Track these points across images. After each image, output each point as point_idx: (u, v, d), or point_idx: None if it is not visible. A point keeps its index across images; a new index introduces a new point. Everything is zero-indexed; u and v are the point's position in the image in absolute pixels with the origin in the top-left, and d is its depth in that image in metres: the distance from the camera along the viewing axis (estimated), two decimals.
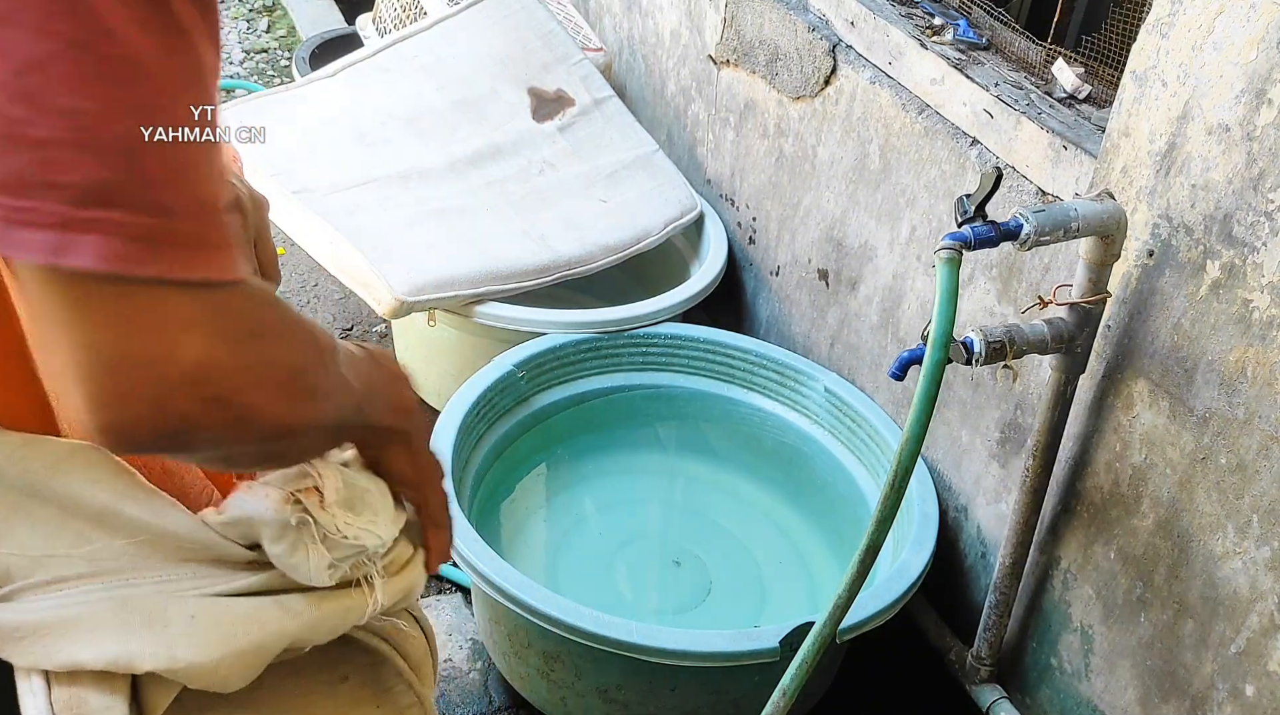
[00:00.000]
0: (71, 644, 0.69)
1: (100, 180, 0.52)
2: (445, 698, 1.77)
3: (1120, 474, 1.38)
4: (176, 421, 0.57)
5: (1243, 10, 1.12)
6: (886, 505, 1.23)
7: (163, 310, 0.55)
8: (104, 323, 0.54)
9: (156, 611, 0.71)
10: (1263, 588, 1.21)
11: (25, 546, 0.70)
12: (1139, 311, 1.31)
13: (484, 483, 1.86)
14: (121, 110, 0.53)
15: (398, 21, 2.64)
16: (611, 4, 2.75)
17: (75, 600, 0.70)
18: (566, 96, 2.38)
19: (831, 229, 1.97)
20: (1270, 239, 1.14)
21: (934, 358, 1.18)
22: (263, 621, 0.73)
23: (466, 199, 2.15)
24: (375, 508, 0.78)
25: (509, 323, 1.96)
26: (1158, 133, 1.25)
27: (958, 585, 1.76)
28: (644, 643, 1.41)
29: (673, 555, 1.91)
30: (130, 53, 0.53)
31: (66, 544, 0.71)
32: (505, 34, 2.39)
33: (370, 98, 2.26)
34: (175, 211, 0.55)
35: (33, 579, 0.71)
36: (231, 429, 0.60)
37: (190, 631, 0.70)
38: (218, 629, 0.71)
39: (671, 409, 2.06)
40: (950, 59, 1.64)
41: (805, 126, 1.99)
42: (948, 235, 1.20)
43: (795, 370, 1.98)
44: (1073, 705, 1.54)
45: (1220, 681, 1.28)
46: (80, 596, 0.71)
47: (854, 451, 1.91)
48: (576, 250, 2.12)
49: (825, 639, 1.31)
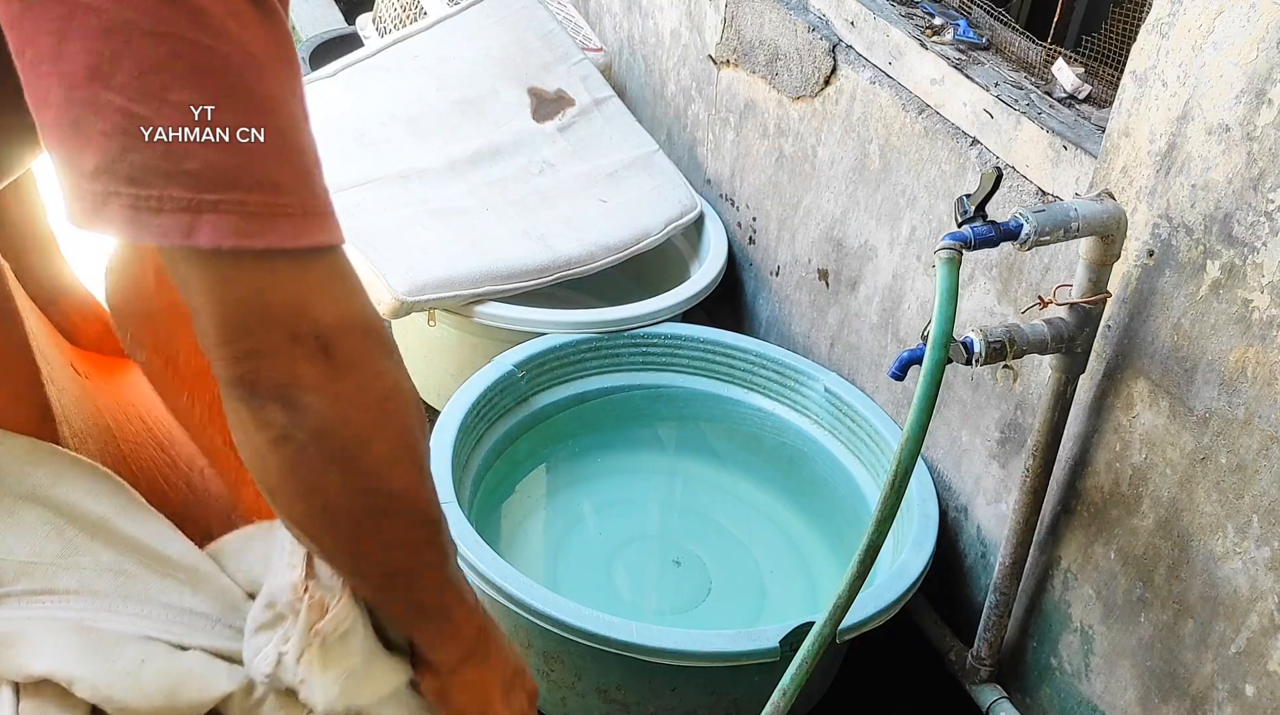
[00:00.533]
0: (24, 654, 0.69)
1: (219, 165, 0.59)
2: None
3: (1120, 474, 1.38)
4: (289, 373, 0.65)
5: (1243, 10, 1.12)
6: (886, 505, 1.23)
7: (278, 275, 0.63)
8: (233, 287, 0.62)
9: (112, 646, 0.71)
10: (1263, 588, 1.21)
11: (13, 551, 0.71)
12: (1139, 311, 1.31)
13: (484, 483, 1.86)
14: (234, 100, 0.59)
15: (398, 21, 2.64)
16: (611, 4, 2.75)
17: (45, 614, 0.71)
18: (566, 96, 2.38)
19: (831, 229, 1.97)
20: (1270, 239, 1.14)
21: (934, 358, 1.18)
22: (208, 684, 0.74)
23: (466, 199, 2.15)
24: (356, 674, 0.76)
25: (509, 323, 1.96)
26: (1158, 133, 1.25)
27: (958, 585, 1.76)
28: (644, 643, 1.41)
29: (673, 555, 1.91)
30: (237, 45, 0.59)
31: (55, 552, 0.72)
32: (505, 34, 2.39)
33: (370, 98, 2.26)
34: (281, 186, 0.62)
35: (17, 586, 0.71)
36: (332, 380, 0.66)
37: (134, 675, 0.71)
38: (161, 679, 0.72)
39: (671, 409, 2.06)
40: (950, 59, 1.64)
41: (805, 126, 1.99)
42: (948, 235, 1.20)
43: (795, 370, 1.98)
44: (1073, 705, 1.54)
45: (1220, 681, 1.28)
46: (53, 610, 0.71)
47: (854, 451, 1.91)
48: (576, 250, 2.12)
49: (825, 639, 1.31)
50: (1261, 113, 1.12)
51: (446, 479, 1.62)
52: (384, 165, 2.15)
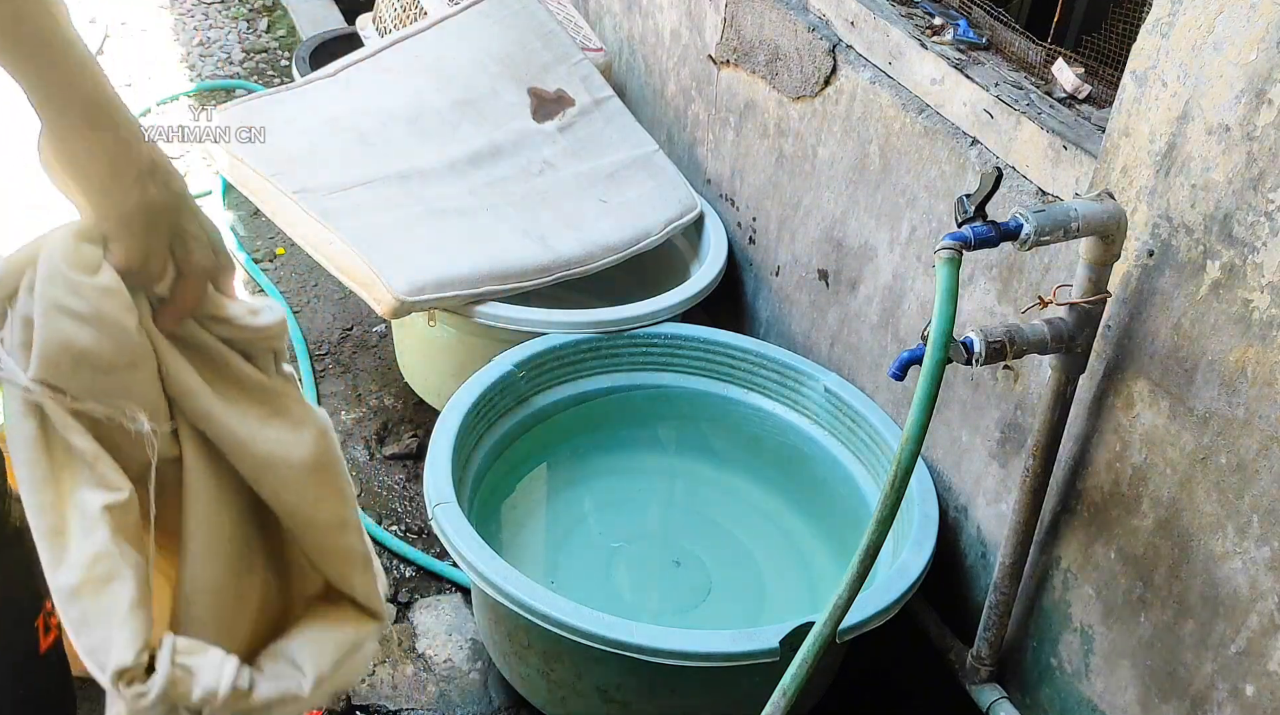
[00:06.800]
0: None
1: None
2: (445, 697, 1.78)
3: (1120, 474, 1.39)
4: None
5: (1243, 10, 1.12)
6: (886, 505, 1.23)
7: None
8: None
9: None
10: (1263, 588, 1.21)
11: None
12: (1139, 311, 1.31)
13: (484, 483, 1.86)
14: None
15: (398, 21, 2.64)
16: (611, 4, 2.75)
17: None
18: (566, 96, 2.38)
19: (831, 229, 1.97)
20: (1270, 239, 1.14)
21: (934, 358, 1.18)
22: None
23: (466, 199, 2.15)
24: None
25: (509, 323, 1.96)
26: (1158, 133, 1.25)
27: (958, 585, 1.76)
28: (644, 643, 1.41)
29: (673, 555, 1.92)
30: None
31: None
32: (505, 34, 2.39)
33: (370, 98, 2.26)
34: None
35: None
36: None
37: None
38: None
39: (671, 409, 2.06)
40: (950, 59, 1.64)
41: (805, 126, 1.99)
42: (948, 235, 1.20)
43: (795, 370, 1.98)
44: (1073, 705, 1.54)
45: (1220, 681, 1.28)
46: None
47: (854, 451, 1.91)
48: (576, 250, 2.12)
49: (825, 639, 1.31)
50: (1261, 113, 1.12)
51: (446, 479, 1.62)
52: (384, 165, 2.15)
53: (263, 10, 3.98)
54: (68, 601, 0.84)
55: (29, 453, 0.85)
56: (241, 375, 0.93)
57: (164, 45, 3.69)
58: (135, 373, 0.87)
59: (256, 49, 3.73)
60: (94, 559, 0.85)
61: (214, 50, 3.70)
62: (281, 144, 2.13)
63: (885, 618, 1.51)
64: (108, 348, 0.84)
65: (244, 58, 3.67)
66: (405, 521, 2.09)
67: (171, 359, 0.90)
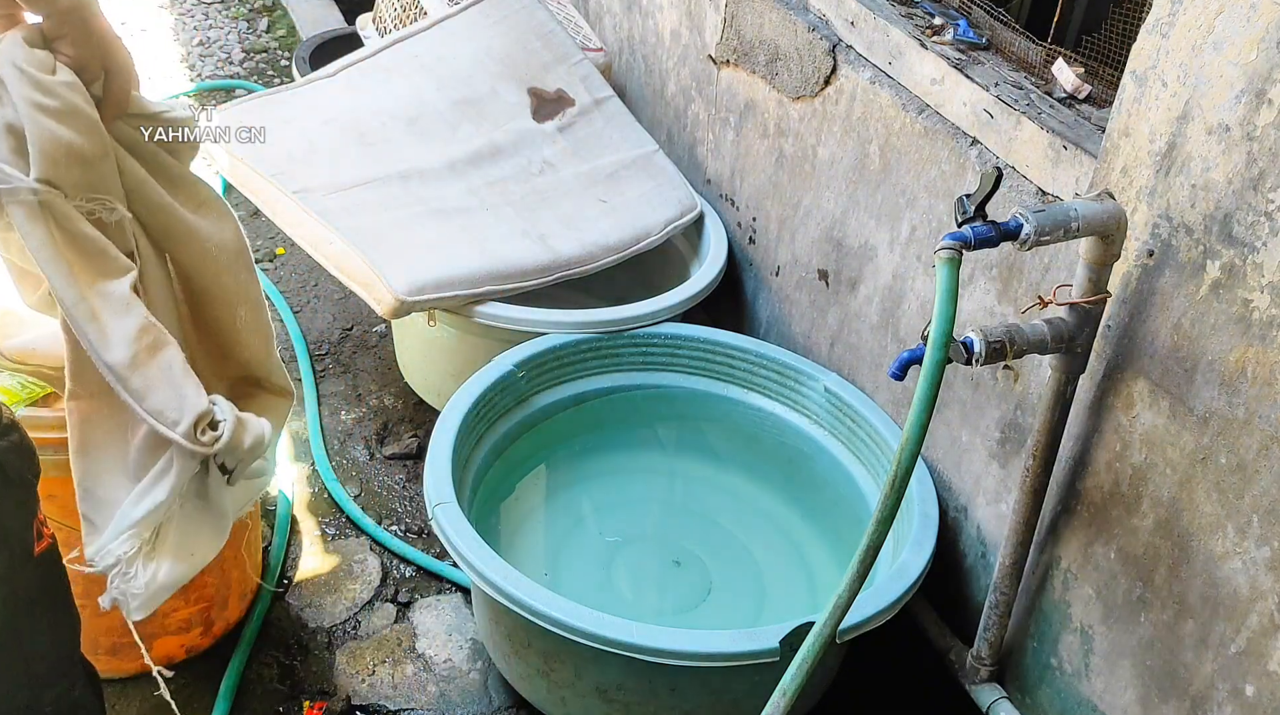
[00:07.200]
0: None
1: None
2: (445, 697, 1.78)
3: (1120, 474, 1.39)
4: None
5: (1243, 10, 1.12)
6: (886, 505, 1.23)
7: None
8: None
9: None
10: (1263, 588, 1.21)
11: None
12: (1139, 311, 1.31)
13: (484, 483, 1.86)
14: None
15: (398, 21, 2.64)
16: (611, 4, 2.75)
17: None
18: (566, 96, 2.38)
19: (831, 229, 1.97)
20: (1270, 239, 1.14)
21: (934, 358, 1.18)
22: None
23: (466, 199, 2.15)
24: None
25: (509, 323, 1.96)
26: (1158, 133, 1.25)
27: (958, 585, 1.76)
28: (644, 643, 1.41)
29: (673, 555, 1.92)
30: None
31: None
32: (505, 34, 2.39)
33: (370, 98, 2.26)
34: None
35: None
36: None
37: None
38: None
39: (671, 409, 2.06)
40: (950, 59, 1.64)
41: (805, 126, 1.99)
42: (948, 235, 1.20)
43: (795, 370, 1.98)
44: (1073, 705, 1.54)
45: (1220, 681, 1.28)
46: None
47: (854, 451, 1.91)
48: (576, 250, 2.12)
49: (825, 639, 1.31)
50: (1261, 113, 1.12)
51: (446, 479, 1.62)
52: (384, 165, 2.15)
53: (263, 10, 3.98)
54: (126, 374, 0.96)
55: (49, 252, 0.95)
56: (172, 172, 1.07)
57: (164, 45, 3.69)
58: (107, 164, 0.98)
59: (256, 49, 3.73)
60: (140, 331, 0.97)
61: (214, 50, 3.70)
62: (281, 144, 2.13)
63: (885, 618, 1.51)
64: (86, 140, 0.95)
65: (244, 58, 3.67)
66: (405, 521, 2.09)
67: (121, 155, 1.02)
